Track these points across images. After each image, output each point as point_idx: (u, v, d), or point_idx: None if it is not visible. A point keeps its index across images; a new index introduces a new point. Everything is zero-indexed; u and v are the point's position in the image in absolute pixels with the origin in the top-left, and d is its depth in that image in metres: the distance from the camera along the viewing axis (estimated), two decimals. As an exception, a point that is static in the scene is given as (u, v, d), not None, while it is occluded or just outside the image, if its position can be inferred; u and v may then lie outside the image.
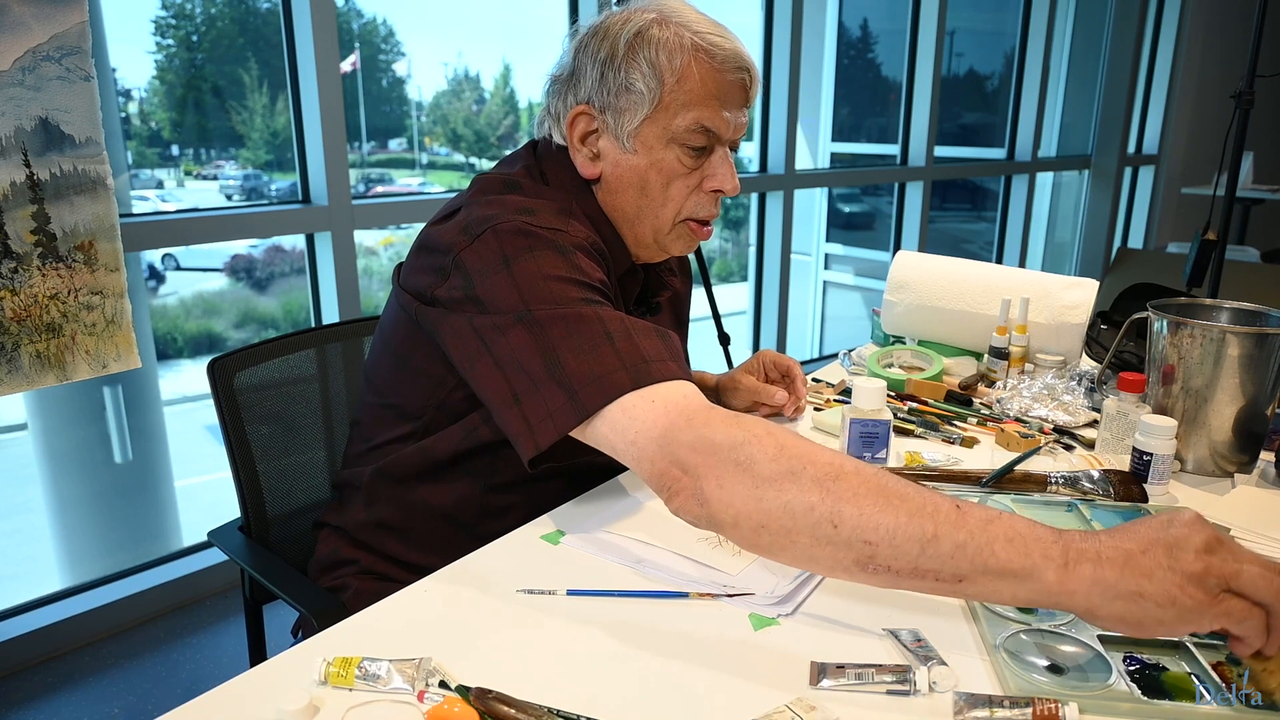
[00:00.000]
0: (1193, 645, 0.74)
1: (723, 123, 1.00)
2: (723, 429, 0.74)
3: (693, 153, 1.01)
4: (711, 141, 1.01)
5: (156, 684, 2.01)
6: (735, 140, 1.04)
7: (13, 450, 2.84)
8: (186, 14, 2.53)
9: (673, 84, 0.98)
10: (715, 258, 6.04)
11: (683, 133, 0.99)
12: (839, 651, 0.75)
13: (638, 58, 0.98)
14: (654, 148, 1.01)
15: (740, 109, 1.03)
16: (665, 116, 0.99)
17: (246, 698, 0.69)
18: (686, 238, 1.07)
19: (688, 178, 1.02)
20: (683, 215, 1.04)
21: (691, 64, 0.98)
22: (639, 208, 1.04)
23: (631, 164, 1.02)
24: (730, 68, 1.00)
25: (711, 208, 1.05)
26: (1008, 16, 5.11)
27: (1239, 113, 2.74)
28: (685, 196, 1.03)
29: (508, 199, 0.99)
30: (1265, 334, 1.08)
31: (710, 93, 0.99)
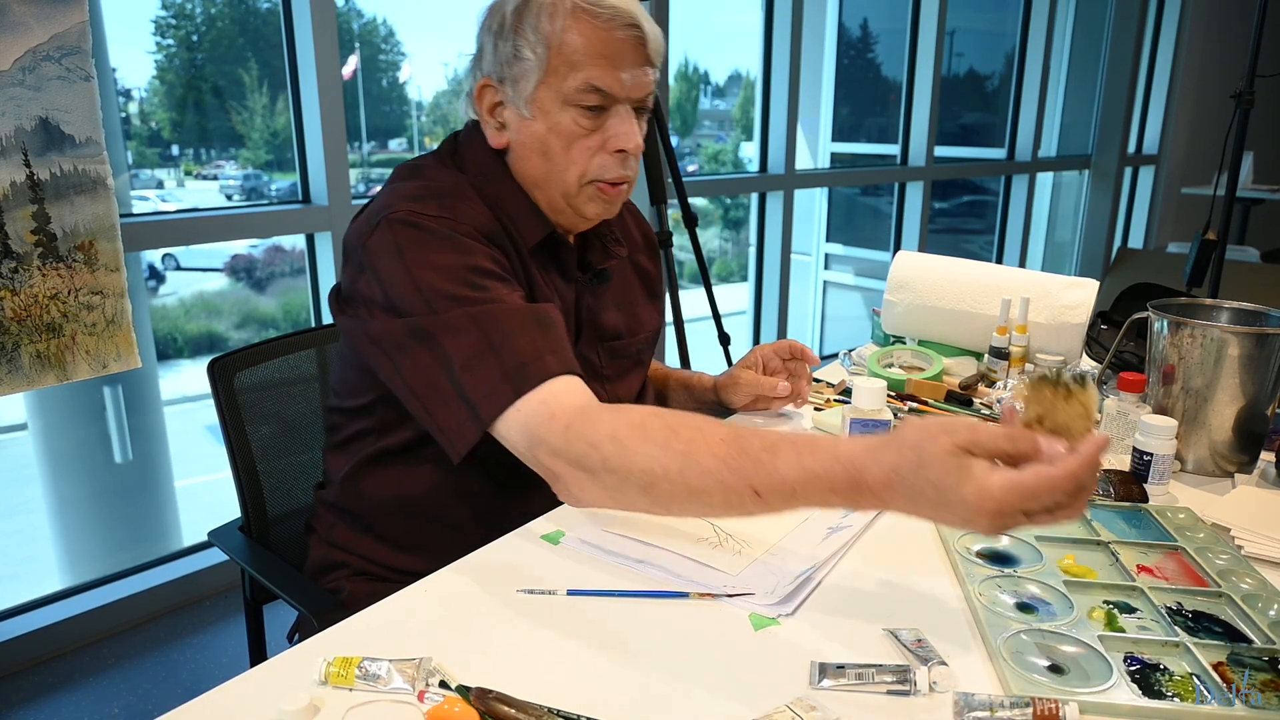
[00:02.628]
0: (1193, 645, 0.74)
1: (615, 81, 1.00)
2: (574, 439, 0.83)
3: (588, 113, 1.01)
4: (607, 101, 1.01)
5: (156, 684, 2.01)
6: (638, 99, 1.03)
7: (13, 450, 2.84)
8: (186, 14, 2.53)
9: (558, 47, 0.99)
10: (715, 258, 6.04)
11: (574, 94, 0.99)
12: (839, 651, 0.75)
13: (523, 25, 0.99)
14: (550, 112, 1.01)
15: (637, 67, 1.01)
16: (556, 80, 1.00)
17: (246, 698, 0.69)
18: (597, 200, 1.06)
19: (588, 139, 1.02)
20: (589, 177, 1.04)
21: (575, 25, 0.98)
22: (545, 172, 1.04)
23: (532, 130, 1.02)
24: (616, 25, 0.99)
25: (617, 168, 1.04)
26: (1008, 16, 5.11)
27: (1239, 113, 2.74)
28: (589, 158, 1.03)
29: (405, 186, 1.02)
30: (1265, 334, 1.08)
31: (597, 51, 0.99)
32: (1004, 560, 0.90)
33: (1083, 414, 0.67)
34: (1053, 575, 0.86)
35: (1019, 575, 0.86)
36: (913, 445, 0.68)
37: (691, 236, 2.62)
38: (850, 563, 0.91)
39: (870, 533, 0.97)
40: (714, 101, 6.14)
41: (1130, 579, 0.86)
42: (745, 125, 5.44)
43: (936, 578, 0.88)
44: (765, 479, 0.74)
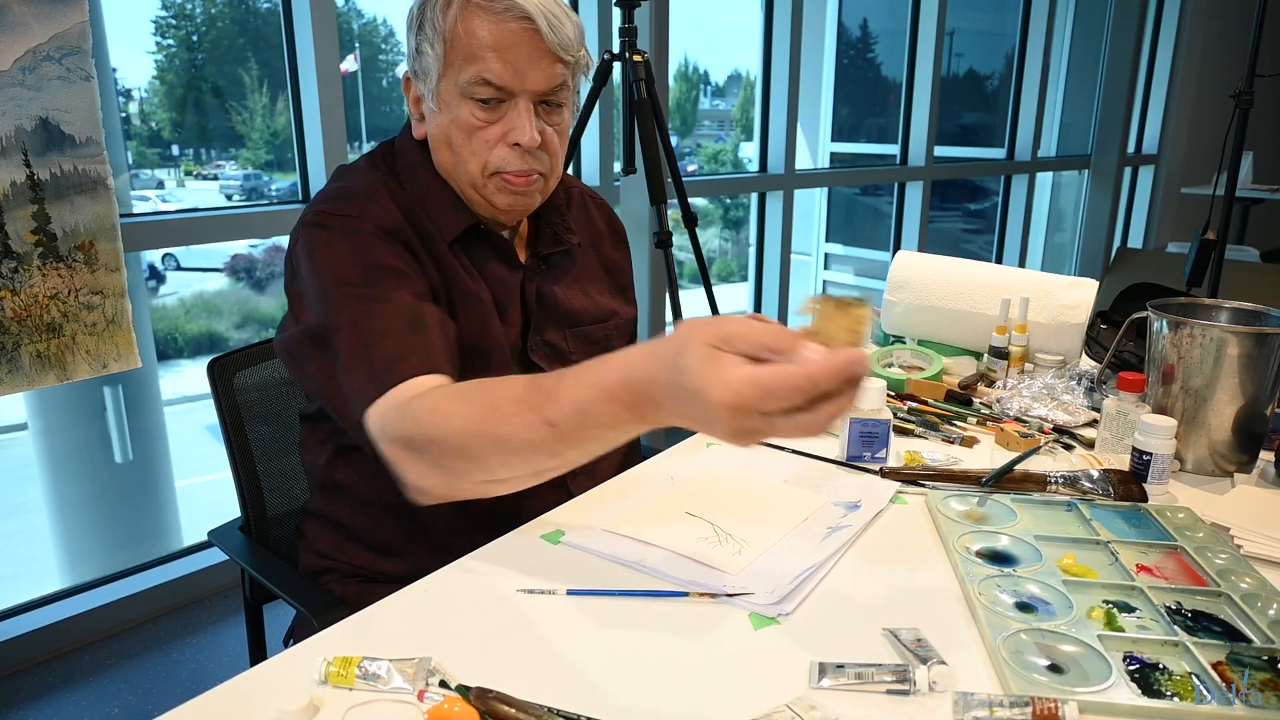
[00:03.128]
0: (1192, 645, 0.74)
1: (508, 74, 1.00)
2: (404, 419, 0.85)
3: (483, 106, 1.01)
4: (502, 94, 1.01)
5: (156, 684, 2.01)
6: (540, 93, 1.02)
7: (13, 450, 2.84)
8: (186, 14, 2.53)
9: (451, 40, 1.00)
10: (715, 258, 6.04)
11: (467, 86, 1.00)
12: (839, 651, 0.75)
13: (425, 19, 1.01)
14: (450, 104, 1.03)
15: (535, 60, 1.00)
16: (452, 72, 1.01)
17: (246, 698, 0.69)
18: (505, 192, 1.06)
19: (486, 131, 1.03)
20: (490, 168, 1.04)
21: (465, 18, 0.99)
22: (453, 163, 1.06)
23: (438, 122, 1.05)
24: (509, 17, 0.99)
25: (516, 161, 1.04)
26: (1008, 16, 5.11)
27: (1239, 112, 2.74)
28: (488, 150, 1.04)
29: (325, 189, 1.07)
30: (1265, 334, 1.08)
31: (487, 44, 0.99)
32: (1004, 560, 0.90)
33: (849, 327, 0.66)
34: (1052, 575, 0.86)
35: (1019, 575, 0.86)
36: (676, 340, 0.66)
37: (691, 236, 2.62)
38: (850, 562, 0.91)
39: (870, 533, 0.97)
40: (714, 101, 6.14)
41: (1130, 578, 0.86)
42: (745, 125, 5.44)
43: (936, 577, 0.88)
44: (555, 407, 0.73)
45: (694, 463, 1.15)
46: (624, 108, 2.45)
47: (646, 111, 2.38)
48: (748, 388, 0.62)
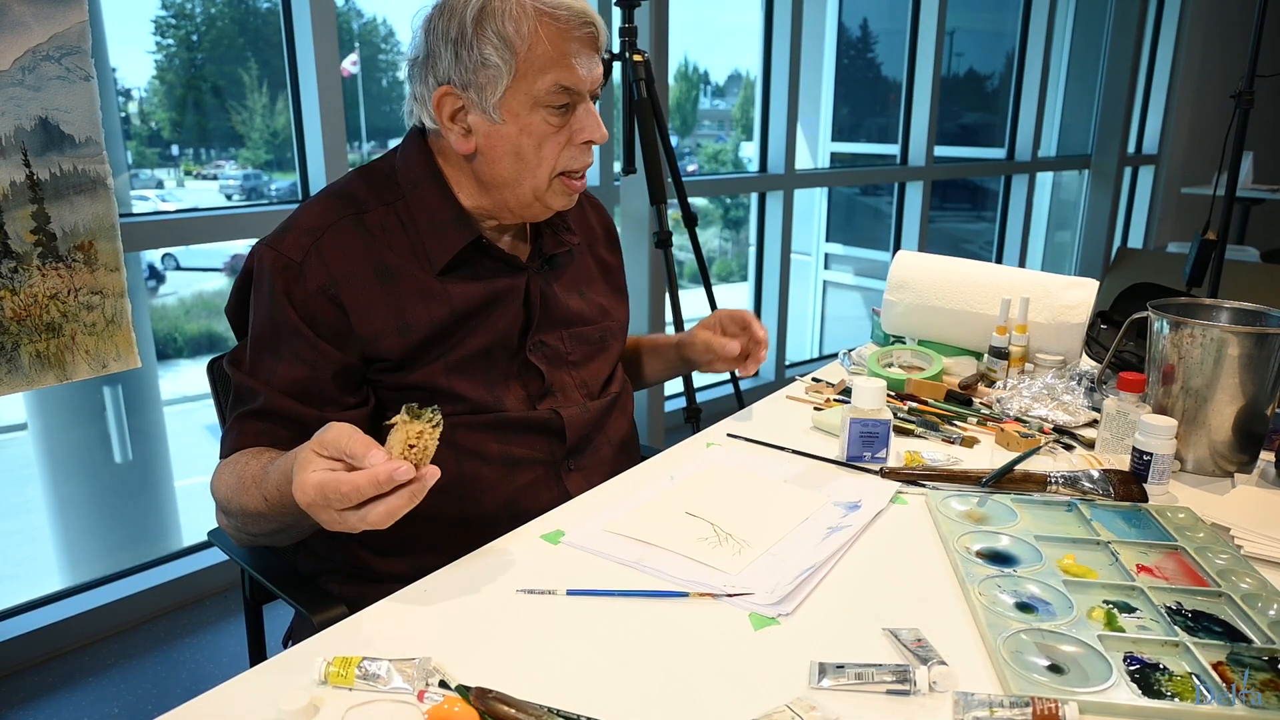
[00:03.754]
0: (1192, 645, 0.74)
1: (579, 79, 1.04)
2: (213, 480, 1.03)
3: (557, 112, 1.05)
4: (573, 99, 1.05)
5: (156, 684, 2.01)
6: (595, 91, 1.08)
7: (13, 450, 2.84)
8: (186, 14, 2.53)
9: (525, 52, 1.01)
10: (715, 257, 6.04)
11: (544, 95, 1.03)
12: (839, 651, 0.75)
13: (486, 32, 1.01)
14: (520, 115, 1.04)
15: (595, 61, 1.06)
16: (525, 84, 1.02)
17: (246, 698, 0.69)
18: (563, 193, 1.10)
19: (557, 135, 1.06)
20: (558, 170, 1.08)
21: (539, 29, 1.01)
22: (517, 172, 1.07)
23: (503, 134, 1.05)
24: (576, 24, 1.03)
25: (584, 158, 1.09)
26: (1008, 16, 5.11)
27: (1239, 112, 2.74)
28: (558, 153, 1.07)
29: (301, 210, 1.09)
30: (1265, 334, 1.08)
31: (562, 53, 1.02)
32: (1004, 560, 0.90)
33: (404, 440, 0.76)
34: (1052, 575, 0.86)
35: (1019, 575, 0.86)
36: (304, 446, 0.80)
37: (691, 236, 2.62)
38: (850, 562, 0.91)
39: (870, 533, 0.97)
40: (714, 101, 6.14)
41: (1130, 579, 0.86)
42: (745, 125, 5.44)
43: (936, 578, 0.88)
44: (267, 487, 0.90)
45: (694, 463, 1.15)
46: (624, 108, 2.45)
47: (646, 111, 2.38)
48: (315, 491, 0.76)
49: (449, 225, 1.09)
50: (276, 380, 1.04)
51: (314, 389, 1.03)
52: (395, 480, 0.75)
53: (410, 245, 1.08)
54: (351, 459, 0.77)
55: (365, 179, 1.12)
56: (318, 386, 1.03)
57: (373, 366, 1.07)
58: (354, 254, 1.05)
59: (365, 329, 1.04)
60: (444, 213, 1.09)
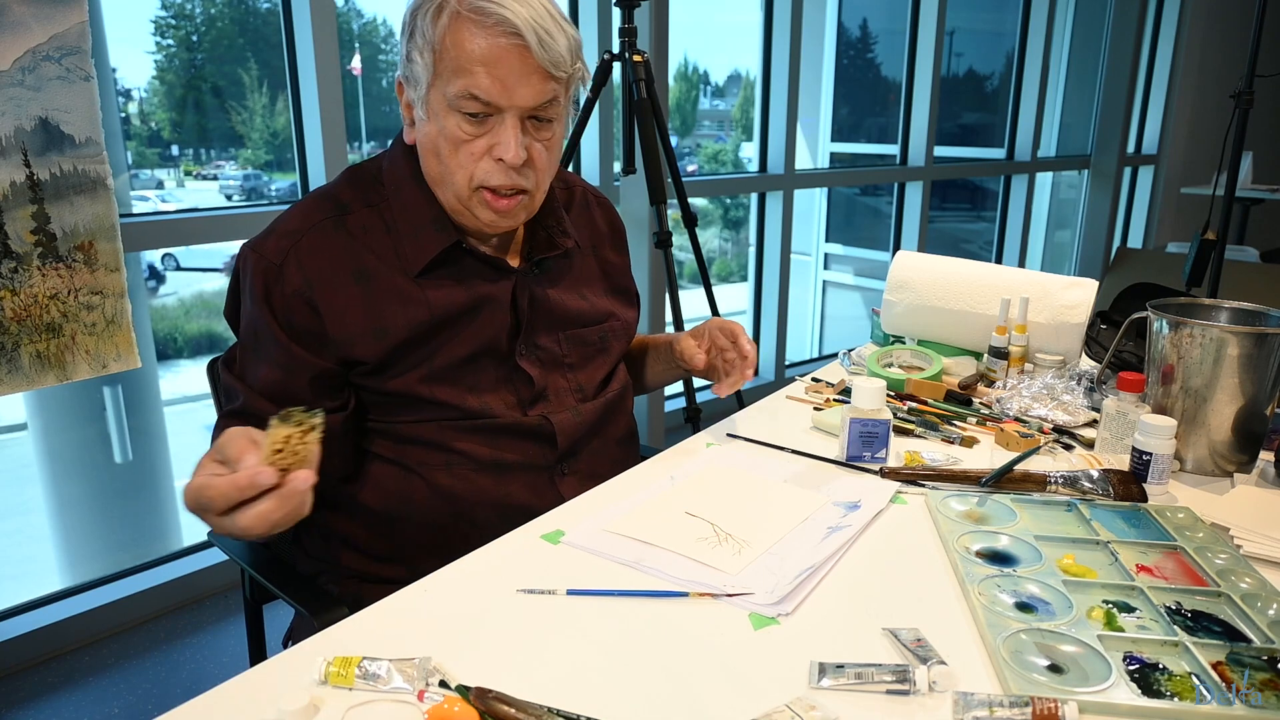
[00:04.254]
0: (1192, 645, 0.74)
1: (495, 90, 0.98)
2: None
3: (470, 120, 1.00)
4: (489, 109, 1.00)
5: (156, 684, 2.01)
6: (528, 109, 1.01)
7: (13, 450, 2.84)
8: (186, 14, 2.53)
9: (440, 51, 0.99)
10: (715, 258, 6.04)
11: (455, 100, 0.99)
12: (839, 651, 0.75)
13: (416, 27, 1.00)
14: (439, 114, 1.02)
15: (524, 76, 0.99)
16: (441, 84, 1.00)
17: (246, 698, 0.69)
18: (487, 208, 1.05)
19: (472, 144, 1.02)
20: (475, 182, 1.03)
21: (457, 31, 0.98)
22: (439, 173, 1.05)
23: (426, 131, 1.04)
24: (499, 32, 0.97)
25: (500, 176, 1.03)
26: (1007, 16, 5.11)
27: (1239, 112, 2.74)
28: (474, 163, 1.02)
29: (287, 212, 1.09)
30: (1265, 334, 1.08)
31: (477, 59, 0.97)
32: (1003, 560, 0.90)
33: (272, 445, 0.76)
34: (1052, 575, 0.86)
35: (1018, 575, 0.86)
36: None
37: (691, 236, 2.62)
38: (850, 562, 0.91)
39: (870, 532, 0.97)
40: (714, 101, 6.14)
41: (1129, 578, 0.86)
42: (745, 125, 5.44)
43: (936, 577, 0.88)
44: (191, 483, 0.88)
45: (694, 463, 1.15)
46: (624, 108, 2.46)
47: (646, 111, 2.38)
48: (191, 496, 0.77)
49: (428, 227, 1.08)
50: (256, 382, 1.05)
51: (289, 392, 1.03)
52: (256, 485, 0.74)
53: (393, 247, 1.07)
54: (233, 464, 0.77)
55: (352, 180, 1.11)
56: (292, 390, 1.03)
57: (353, 370, 1.06)
58: (332, 256, 1.04)
59: (340, 332, 1.03)
60: (423, 214, 1.08)
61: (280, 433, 0.76)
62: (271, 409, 1.02)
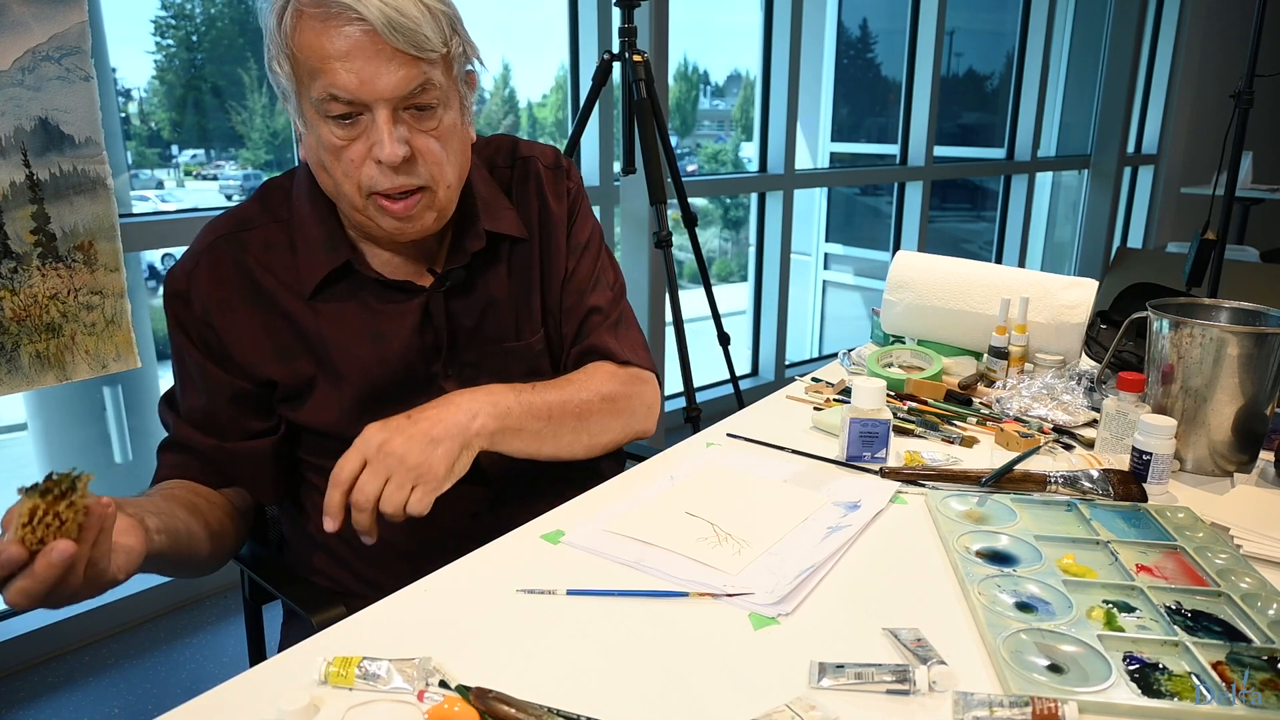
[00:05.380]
0: (1192, 644, 0.74)
1: (353, 84, 0.88)
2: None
3: (340, 123, 0.91)
4: (356, 108, 0.90)
5: (156, 684, 2.01)
6: (396, 99, 0.90)
7: (13, 450, 2.84)
8: (186, 14, 2.53)
9: (292, 54, 0.90)
10: (715, 258, 6.04)
11: (320, 104, 0.90)
12: (839, 651, 0.75)
13: (268, 33, 0.92)
14: (314, 124, 0.93)
15: (383, 63, 0.88)
16: (305, 90, 0.91)
17: (246, 698, 0.69)
18: (383, 214, 0.96)
19: (349, 150, 0.92)
20: (366, 189, 0.94)
21: (300, 30, 0.89)
22: (330, 187, 0.97)
23: (308, 143, 0.96)
24: (344, 21, 0.87)
25: (385, 179, 0.93)
26: (1007, 16, 5.11)
27: (1238, 112, 2.75)
28: (357, 170, 0.93)
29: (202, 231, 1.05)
30: (1265, 334, 1.08)
31: (326, 54, 0.88)
32: (1003, 560, 0.90)
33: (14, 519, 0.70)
34: (1052, 574, 0.86)
35: (1018, 574, 0.86)
36: None
37: (691, 236, 2.63)
38: (850, 562, 0.91)
39: (870, 532, 0.97)
40: (714, 101, 6.14)
41: (1129, 578, 0.86)
42: (745, 125, 5.44)
43: (936, 577, 0.88)
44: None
45: (694, 463, 1.15)
46: (624, 108, 2.46)
47: (646, 111, 2.38)
48: None
49: (320, 248, 1.00)
50: (183, 410, 1.03)
51: (213, 418, 1.01)
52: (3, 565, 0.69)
53: (291, 266, 1.01)
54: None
55: (263, 195, 1.06)
56: (216, 414, 1.01)
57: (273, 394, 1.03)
58: (227, 277, 1.00)
59: (244, 356, 1.00)
60: (318, 233, 1.01)
61: (24, 505, 0.69)
62: (197, 436, 1.02)
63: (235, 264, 1.01)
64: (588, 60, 3.03)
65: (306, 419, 1.03)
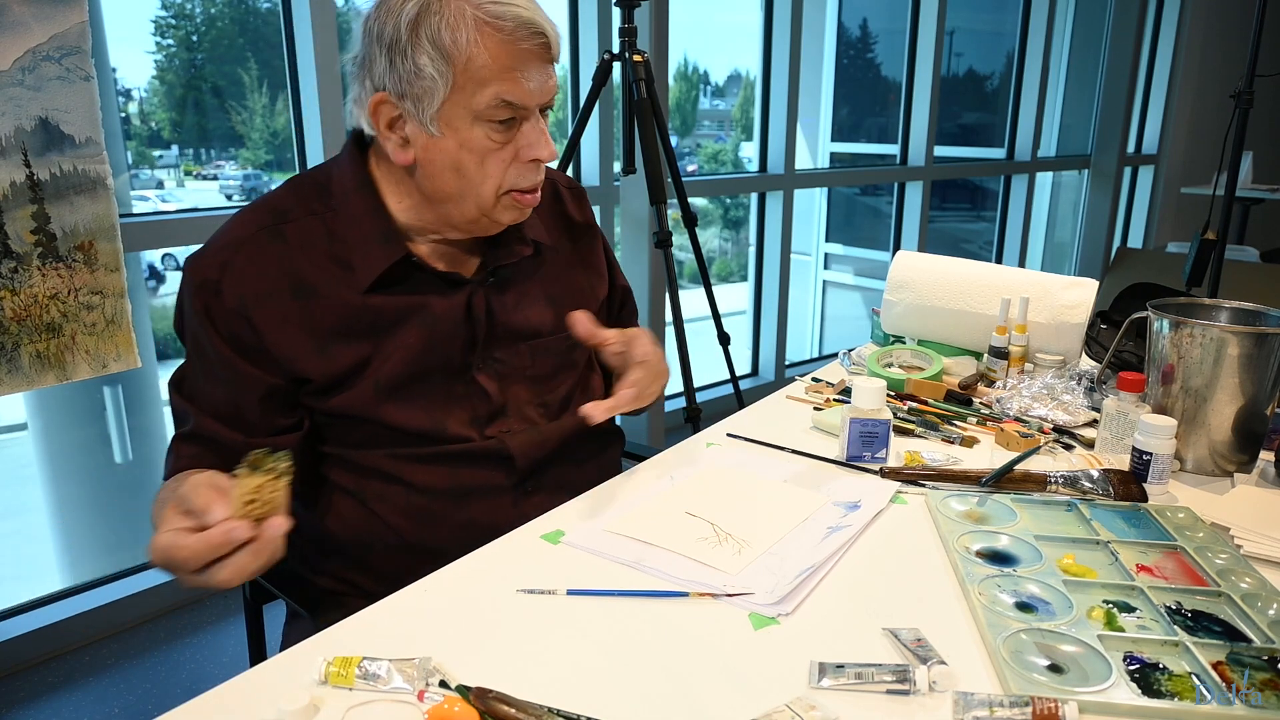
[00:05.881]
0: (1192, 644, 0.74)
1: (524, 93, 0.96)
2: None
3: (500, 127, 0.97)
4: (517, 114, 0.97)
5: (156, 684, 2.01)
6: (546, 104, 1.00)
7: (13, 450, 2.84)
8: (186, 14, 2.53)
9: (463, 64, 0.93)
10: (715, 258, 6.04)
11: (485, 110, 0.95)
12: (839, 651, 0.75)
13: (421, 40, 0.93)
14: (459, 128, 0.96)
15: (544, 73, 0.98)
16: (464, 96, 0.95)
17: (246, 698, 0.69)
18: (513, 208, 1.03)
19: (501, 151, 0.99)
20: (504, 188, 1.01)
21: (479, 39, 0.93)
22: (459, 188, 1.00)
23: (442, 147, 0.98)
24: (523, 35, 0.94)
25: (533, 175, 1.02)
26: (1008, 16, 5.11)
27: (1239, 112, 2.74)
28: (504, 170, 1.00)
29: (229, 222, 1.04)
30: (1265, 334, 1.08)
31: (504, 65, 0.94)
32: (1004, 560, 0.90)
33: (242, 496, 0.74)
34: (1052, 574, 0.86)
35: (1018, 574, 0.86)
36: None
37: (691, 236, 2.62)
38: (850, 562, 0.91)
39: (870, 532, 0.97)
40: (714, 101, 6.14)
41: (1130, 578, 0.86)
42: (745, 125, 5.44)
43: (936, 577, 0.88)
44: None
45: (694, 463, 1.15)
46: (624, 108, 2.45)
47: (646, 111, 2.38)
48: (160, 554, 0.75)
49: (375, 241, 1.02)
50: (204, 402, 1.01)
51: (239, 412, 1.00)
52: (232, 541, 0.72)
53: (335, 259, 1.02)
54: (201, 515, 0.74)
55: (295, 187, 1.07)
56: (242, 409, 1.00)
57: (302, 389, 1.02)
58: (268, 270, 1.00)
59: (281, 350, 0.99)
60: (372, 227, 1.03)
61: (251, 482, 0.73)
62: (223, 431, 0.99)
63: (279, 257, 1.01)
64: (588, 60, 3.03)
65: (337, 405, 1.03)
